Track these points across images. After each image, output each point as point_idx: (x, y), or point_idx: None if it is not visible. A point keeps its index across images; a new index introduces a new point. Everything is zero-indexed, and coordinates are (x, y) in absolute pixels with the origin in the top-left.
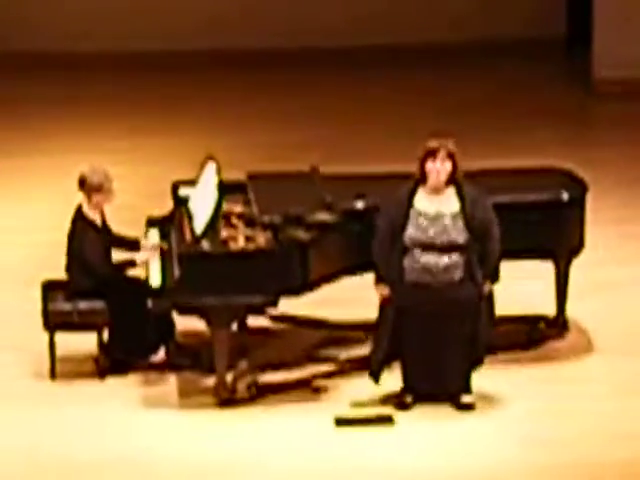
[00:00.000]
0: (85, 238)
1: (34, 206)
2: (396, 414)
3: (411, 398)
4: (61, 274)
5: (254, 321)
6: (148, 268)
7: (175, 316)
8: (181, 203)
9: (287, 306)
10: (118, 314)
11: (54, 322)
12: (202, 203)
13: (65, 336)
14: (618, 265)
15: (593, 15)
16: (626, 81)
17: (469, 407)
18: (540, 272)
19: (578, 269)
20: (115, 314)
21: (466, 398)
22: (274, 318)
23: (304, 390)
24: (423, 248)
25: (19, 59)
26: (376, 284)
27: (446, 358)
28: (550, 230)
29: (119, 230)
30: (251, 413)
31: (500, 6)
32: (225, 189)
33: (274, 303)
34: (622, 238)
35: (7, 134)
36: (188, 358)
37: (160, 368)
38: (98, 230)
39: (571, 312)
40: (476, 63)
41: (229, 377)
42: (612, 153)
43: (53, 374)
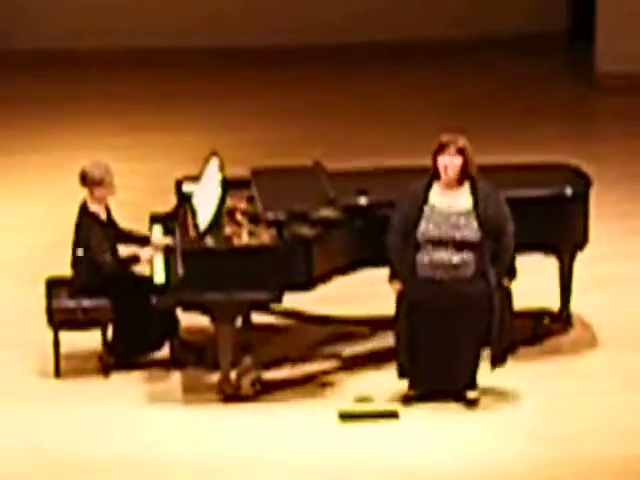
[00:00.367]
0: (90, 233)
1: (35, 204)
2: (401, 409)
3: (416, 393)
4: (64, 271)
5: (258, 317)
6: (152, 264)
7: (179, 312)
8: (185, 199)
9: (291, 302)
10: (122, 311)
11: (58, 319)
12: (206, 199)
13: (69, 333)
14: (622, 260)
15: (596, 9)
16: (629, 75)
17: (474, 402)
18: (544, 267)
19: (582, 264)
20: (119, 311)
21: (471, 394)
22: (278, 314)
23: (308, 386)
24: (435, 244)
25: (17, 56)
26: (390, 280)
27: (454, 354)
28: (554, 225)
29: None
30: (255, 409)
31: (502, 1)
32: (228, 185)
33: (278, 299)
34: (626, 232)
35: (6, 132)
36: (192, 354)
37: (164, 365)
38: (103, 224)
39: (575, 307)
40: (478, 58)
41: (233, 373)
42: (615, 147)
43: (57, 371)
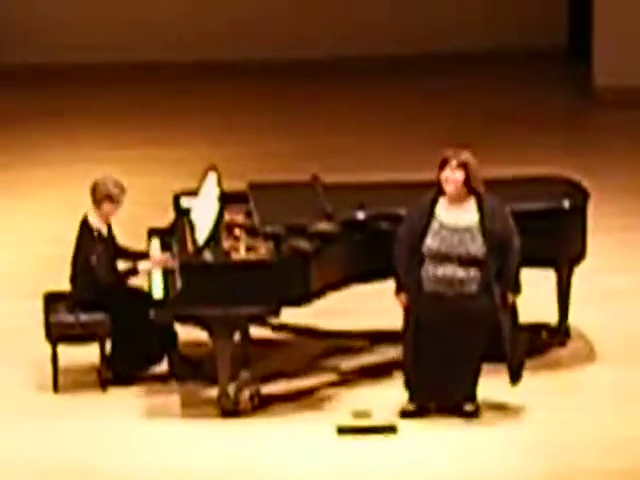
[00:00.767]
0: (91, 248)
1: (33, 218)
2: (399, 423)
3: (414, 407)
4: (63, 286)
5: (256, 331)
6: (150, 279)
7: (177, 327)
8: (183, 214)
9: (289, 316)
10: (120, 325)
11: (56, 334)
12: (204, 214)
13: (67, 348)
14: (620, 273)
15: (593, 25)
16: (626, 89)
17: (472, 415)
18: (542, 280)
19: (580, 277)
20: (117, 325)
21: (469, 406)
22: (276, 328)
23: (306, 400)
24: (441, 259)
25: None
26: (396, 293)
27: (455, 369)
28: (552, 238)
29: (121, 240)
30: (254, 423)
31: (501, 16)
32: (226, 199)
33: (276, 313)
34: (623, 245)
35: (5, 146)
36: (191, 369)
37: (163, 379)
38: (104, 240)
39: (573, 320)
40: (476, 72)
41: (232, 388)
42: (612, 161)
43: (56, 386)
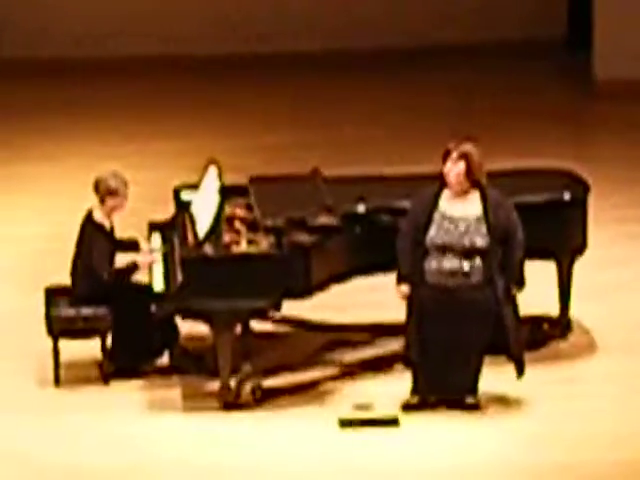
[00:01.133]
0: (94, 243)
1: (36, 212)
2: (401, 416)
3: (417, 399)
4: (64, 280)
5: (258, 325)
6: (151, 272)
7: (179, 320)
8: (183, 208)
9: (290, 309)
10: (122, 319)
11: (58, 328)
12: (204, 207)
13: (69, 342)
14: (620, 265)
15: (594, 16)
16: (627, 81)
17: (473, 408)
18: (543, 273)
19: (581, 269)
20: (119, 319)
21: (470, 399)
22: (277, 321)
23: (308, 393)
24: (444, 250)
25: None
26: (397, 284)
27: (457, 361)
28: (552, 231)
29: (121, 234)
30: (255, 417)
31: (501, 7)
32: (227, 193)
33: (277, 307)
34: (624, 238)
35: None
36: (192, 362)
37: (164, 372)
38: (107, 235)
39: (574, 312)
40: (476, 64)
41: (233, 381)
42: (613, 153)
43: (57, 380)
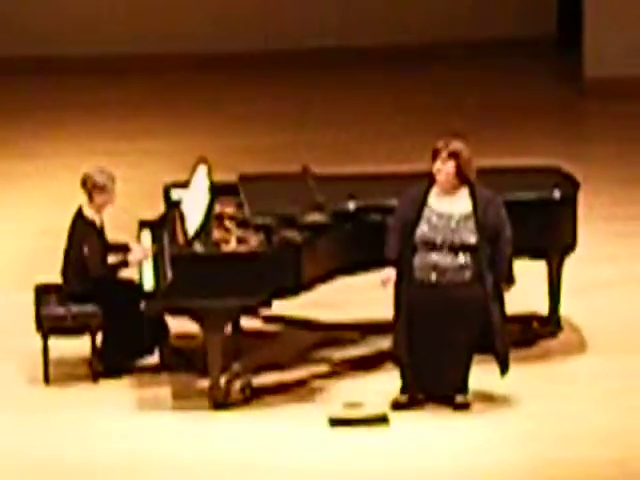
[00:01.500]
0: (84, 239)
1: (24, 209)
2: (391, 414)
3: (406, 398)
4: (53, 277)
5: (247, 323)
6: (141, 270)
7: (168, 318)
8: (173, 205)
9: (280, 307)
10: (112, 317)
11: (47, 326)
12: (194, 205)
13: (58, 340)
14: (610, 263)
15: (583, 14)
16: (616, 79)
17: (463, 407)
18: (533, 270)
19: (570, 267)
20: (109, 317)
21: (460, 398)
22: (267, 319)
23: (298, 391)
24: (433, 247)
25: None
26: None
27: (447, 359)
28: (542, 229)
29: (111, 232)
30: (245, 415)
31: (491, 5)
32: (217, 191)
33: (267, 305)
34: (614, 236)
35: None
36: (182, 360)
37: (154, 371)
38: (97, 231)
39: (564, 310)
40: (467, 63)
41: (223, 379)
42: (603, 151)
43: (47, 378)
